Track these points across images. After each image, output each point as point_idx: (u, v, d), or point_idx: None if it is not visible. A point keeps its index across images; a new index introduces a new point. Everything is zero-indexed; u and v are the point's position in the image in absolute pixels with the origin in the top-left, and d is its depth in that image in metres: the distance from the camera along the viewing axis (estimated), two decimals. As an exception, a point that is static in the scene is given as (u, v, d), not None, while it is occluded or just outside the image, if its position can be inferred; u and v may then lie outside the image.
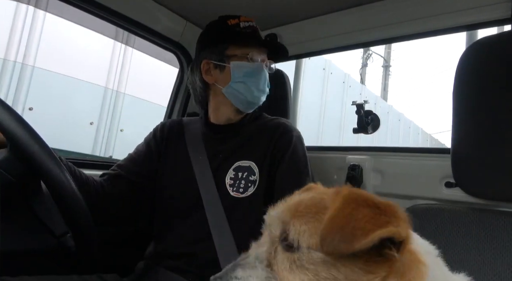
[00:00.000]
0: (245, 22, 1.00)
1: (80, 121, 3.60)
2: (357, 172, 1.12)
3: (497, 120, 0.75)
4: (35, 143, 0.56)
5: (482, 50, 0.79)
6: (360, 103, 1.28)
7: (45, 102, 3.29)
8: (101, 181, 0.96)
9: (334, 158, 1.23)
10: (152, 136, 1.08)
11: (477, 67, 0.79)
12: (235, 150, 0.97)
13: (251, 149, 0.96)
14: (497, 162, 0.75)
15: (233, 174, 0.94)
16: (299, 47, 1.38)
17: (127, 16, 1.25)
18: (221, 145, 0.99)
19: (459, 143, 0.80)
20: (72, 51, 3.47)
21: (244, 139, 0.98)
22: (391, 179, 1.09)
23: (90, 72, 3.64)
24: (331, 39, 1.30)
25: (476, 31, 1.07)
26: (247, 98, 0.98)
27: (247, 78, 0.97)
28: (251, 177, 0.92)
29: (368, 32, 1.21)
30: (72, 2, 1.14)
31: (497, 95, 0.76)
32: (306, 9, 1.28)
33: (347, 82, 6.54)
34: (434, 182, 0.99)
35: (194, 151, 1.00)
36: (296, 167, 0.94)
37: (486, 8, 0.97)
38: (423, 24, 1.10)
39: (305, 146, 1.00)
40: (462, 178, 0.81)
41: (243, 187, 0.92)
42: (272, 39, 1.36)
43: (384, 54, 12.29)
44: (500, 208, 0.83)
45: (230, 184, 0.93)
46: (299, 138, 0.99)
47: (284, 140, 0.96)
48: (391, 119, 8.38)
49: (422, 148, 1.11)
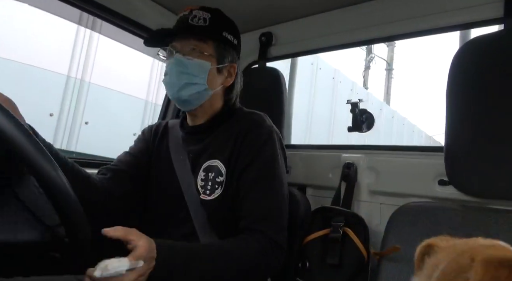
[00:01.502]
0: (182, 13, 0.95)
1: (38, 111, 3.23)
2: (352, 171, 1.13)
3: (490, 119, 0.76)
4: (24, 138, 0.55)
5: (475, 49, 0.80)
6: (355, 101, 1.29)
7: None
8: (102, 178, 0.95)
9: (328, 156, 1.24)
10: (141, 138, 1.09)
11: (470, 66, 0.79)
12: (205, 150, 0.95)
13: (218, 148, 0.93)
14: (489, 161, 0.76)
15: (204, 175, 0.92)
16: (294, 46, 1.38)
17: (115, 10, 1.23)
18: (192, 146, 0.98)
19: (452, 141, 0.81)
20: (28, 37, 3.18)
21: (215, 137, 0.96)
22: (385, 177, 1.10)
23: (51, 59, 3.35)
24: (326, 37, 1.30)
25: (469, 31, 1.08)
26: (172, 97, 0.95)
27: (165, 77, 0.94)
28: (218, 179, 0.90)
29: (362, 31, 1.22)
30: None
31: (490, 94, 0.77)
32: (301, 8, 1.28)
33: (337, 78, 6.44)
34: (428, 180, 1.00)
35: (175, 152, 0.99)
36: (260, 172, 0.88)
37: (478, 8, 0.98)
38: (416, 24, 1.10)
39: (276, 143, 0.94)
40: (455, 176, 0.82)
41: (209, 189, 0.90)
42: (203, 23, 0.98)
43: (387, 57, 12.33)
44: (492, 205, 0.85)
45: (201, 186, 0.91)
46: (270, 135, 0.93)
47: (252, 138, 0.91)
48: (395, 123, 8.42)
49: (416, 147, 1.12)
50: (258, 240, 0.82)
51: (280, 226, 0.87)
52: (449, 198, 0.94)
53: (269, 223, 0.85)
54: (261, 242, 0.82)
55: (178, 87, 0.91)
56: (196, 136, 0.99)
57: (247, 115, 0.98)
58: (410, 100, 39.06)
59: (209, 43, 0.94)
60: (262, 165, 0.89)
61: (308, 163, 1.28)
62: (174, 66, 0.91)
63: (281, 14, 1.34)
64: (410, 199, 0.95)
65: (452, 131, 0.80)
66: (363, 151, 1.17)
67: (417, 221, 0.84)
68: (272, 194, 0.88)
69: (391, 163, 1.10)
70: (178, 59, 0.91)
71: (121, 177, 0.97)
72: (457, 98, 0.80)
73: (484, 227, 0.77)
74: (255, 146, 0.90)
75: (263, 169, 0.89)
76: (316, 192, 1.27)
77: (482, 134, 0.77)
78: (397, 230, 0.85)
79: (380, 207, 1.11)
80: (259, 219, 0.85)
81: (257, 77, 1.38)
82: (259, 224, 0.84)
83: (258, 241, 0.82)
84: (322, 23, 1.29)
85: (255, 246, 0.81)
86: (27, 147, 0.54)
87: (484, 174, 0.77)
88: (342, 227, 0.99)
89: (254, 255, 0.81)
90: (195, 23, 0.92)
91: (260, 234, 0.83)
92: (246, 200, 0.87)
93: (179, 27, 0.94)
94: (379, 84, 15.95)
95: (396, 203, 0.97)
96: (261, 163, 0.89)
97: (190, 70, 0.91)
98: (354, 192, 1.12)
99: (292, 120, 1.51)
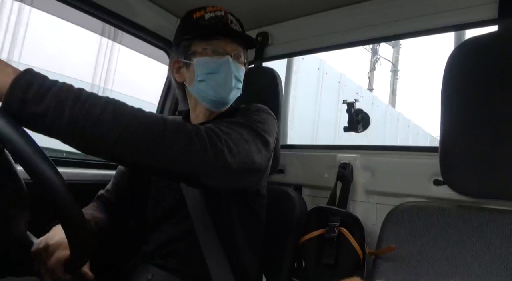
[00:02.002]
0: (211, 12, 0.91)
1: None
2: (347, 171, 1.13)
3: (484, 119, 0.77)
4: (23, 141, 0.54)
5: (469, 50, 0.80)
6: (351, 101, 1.29)
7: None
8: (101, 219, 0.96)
9: (324, 156, 1.24)
10: None
11: (464, 67, 0.80)
12: None
13: None
14: (484, 161, 0.77)
15: None
16: (290, 46, 1.38)
17: (117, 13, 1.23)
18: None
19: (447, 141, 0.81)
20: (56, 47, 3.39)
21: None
22: (381, 177, 1.11)
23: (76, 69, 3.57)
24: (322, 37, 1.30)
25: (464, 32, 1.09)
26: (214, 97, 0.90)
27: (212, 75, 0.89)
28: None
29: (357, 31, 1.22)
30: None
31: (484, 94, 0.77)
32: (298, 8, 1.28)
33: (343, 81, 6.50)
34: (423, 180, 1.00)
35: None
36: (246, 121, 0.81)
37: (473, 9, 0.99)
38: (411, 24, 1.11)
39: (274, 122, 0.90)
40: (449, 176, 0.82)
41: None
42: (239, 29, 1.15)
43: (392, 58, 12.36)
44: (485, 205, 0.85)
45: None
46: (269, 113, 0.91)
47: (249, 108, 0.90)
48: (401, 125, 8.45)
49: (411, 147, 1.13)
50: (196, 129, 0.66)
51: (239, 149, 0.72)
52: (444, 197, 0.95)
53: (227, 138, 0.71)
54: (199, 131, 0.66)
55: (229, 89, 0.90)
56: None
57: (248, 105, 0.96)
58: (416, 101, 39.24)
59: (244, 50, 0.97)
60: (251, 119, 0.83)
61: (304, 163, 1.28)
62: (229, 68, 0.89)
63: (277, 14, 1.34)
64: (406, 199, 0.95)
65: (447, 131, 0.81)
66: (359, 151, 1.17)
67: (412, 220, 0.84)
68: (251, 130, 0.79)
69: (387, 163, 1.11)
70: (234, 64, 0.90)
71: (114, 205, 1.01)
72: (451, 98, 0.81)
73: (477, 225, 0.78)
74: (251, 110, 0.88)
75: (255, 121, 0.83)
76: (312, 192, 1.27)
77: (476, 134, 0.77)
78: (392, 230, 0.86)
79: (375, 207, 1.11)
80: (221, 131, 0.71)
81: (253, 77, 1.38)
82: (215, 133, 0.70)
83: (195, 129, 0.66)
84: (318, 23, 1.29)
85: (185, 127, 0.65)
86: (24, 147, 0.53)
87: (478, 174, 0.78)
88: (338, 227, 0.99)
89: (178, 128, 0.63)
90: (236, 29, 0.93)
91: (206, 128, 0.69)
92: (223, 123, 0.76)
93: (232, 30, 0.92)
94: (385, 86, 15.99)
95: (392, 203, 0.97)
96: (254, 117, 0.84)
97: (239, 76, 0.93)
98: (350, 192, 1.12)
99: (288, 120, 1.52)
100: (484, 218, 0.78)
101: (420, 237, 0.82)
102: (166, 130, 0.62)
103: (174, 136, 0.62)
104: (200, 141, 0.65)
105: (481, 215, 0.79)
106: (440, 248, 0.79)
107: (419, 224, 0.83)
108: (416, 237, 0.83)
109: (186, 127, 0.65)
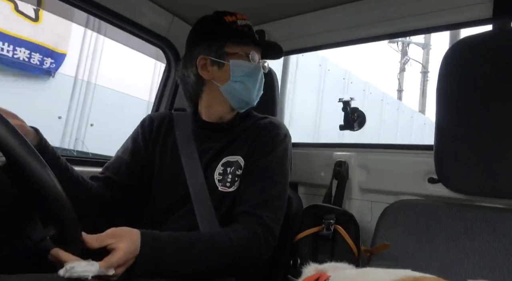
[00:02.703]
0: (242, 20, 0.99)
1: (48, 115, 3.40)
2: (343, 169, 1.14)
3: (479, 118, 0.77)
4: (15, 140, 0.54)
5: (464, 49, 0.81)
6: (347, 100, 1.30)
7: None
8: (92, 185, 0.95)
9: (320, 154, 1.24)
10: (139, 130, 1.07)
11: (459, 66, 0.81)
12: (225, 147, 0.97)
13: (240, 145, 0.96)
14: (477, 159, 0.77)
15: (222, 169, 0.94)
16: (287, 44, 1.37)
17: (112, 10, 1.22)
18: (211, 142, 0.98)
19: (441, 140, 0.82)
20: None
21: (234, 136, 0.98)
22: (376, 175, 1.11)
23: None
24: (318, 36, 1.30)
25: (459, 31, 1.10)
26: (245, 98, 0.98)
27: (247, 78, 0.97)
28: (238, 171, 0.93)
29: (353, 29, 1.22)
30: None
31: (478, 93, 0.78)
32: (294, 6, 1.28)
33: (347, 78, 6.32)
34: (418, 178, 1.01)
35: (183, 146, 0.99)
36: (269, 164, 0.93)
37: (468, 8, 1.00)
38: (406, 23, 1.12)
39: (289, 145, 0.99)
40: (444, 174, 0.83)
41: (230, 181, 0.92)
42: (262, 37, 1.35)
43: (422, 59, 12.32)
44: (479, 202, 0.86)
45: (218, 180, 0.93)
46: (286, 136, 0.99)
47: (270, 136, 0.96)
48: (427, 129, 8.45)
49: (406, 145, 1.14)
50: (251, 226, 0.84)
51: (277, 216, 0.88)
52: (438, 195, 0.96)
53: (268, 210, 0.87)
54: (255, 227, 0.83)
55: (257, 93, 1.00)
56: (212, 132, 1.01)
57: (263, 117, 1.04)
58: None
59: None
60: (273, 159, 0.93)
61: (300, 161, 1.29)
62: (261, 75, 1.00)
63: (273, 12, 1.33)
64: (400, 197, 0.96)
65: (442, 129, 0.81)
66: (355, 149, 1.18)
67: (407, 218, 0.85)
68: (276, 186, 0.91)
69: (382, 161, 1.12)
70: (262, 71, 1.01)
71: (109, 186, 0.98)
72: (446, 97, 0.82)
73: (470, 223, 0.79)
74: (272, 143, 0.95)
75: (273, 163, 0.93)
76: (308, 190, 1.28)
77: (471, 133, 0.78)
78: (387, 228, 0.86)
79: (371, 204, 1.12)
80: (259, 203, 0.87)
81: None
82: (258, 209, 0.86)
83: (251, 227, 0.83)
84: (314, 21, 1.29)
85: (245, 234, 0.82)
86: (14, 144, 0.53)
87: (472, 172, 0.79)
88: (333, 225, 1.00)
89: (245, 242, 0.82)
90: (255, 36, 1.02)
91: (255, 218, 0.85)
92: (251, 187, 0.90)
93: (264, 41, 1.05)
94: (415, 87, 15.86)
95: (387, 201, 0.98)
96: (272, 157, 0.93)
97: (263, 83, 1.03)
98: (346, 190, 1.13)
99: (284, 117, 1.52)
100: (478, 216, 0.79)
101: (414, 234, 0.83)
102: (236, 255, 0.81)
103: (244, 255, 0.82)
104: (257, 247, 0.83)
105: (475, 212, 0.80)
106: (434, 245, 0.80)
107: (414, 222, 0.84)
108: (411, 235, 0.83)
109: (250, 246, 0.83)
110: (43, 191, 0.56)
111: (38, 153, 0.56)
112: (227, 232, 0.82)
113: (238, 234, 0.82)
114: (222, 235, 0.81)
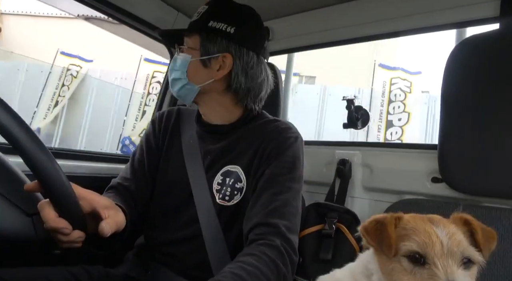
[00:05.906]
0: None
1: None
2: (346, 167, 1.13)
3: (482, 117, 0.77)
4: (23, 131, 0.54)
5: (470, 48, 0.80)
6: (351, 98, 1.29)
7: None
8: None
9: (323, 152, 1.24)
10: (151, 129, 1.03)
11: (465, 65, 0.80)
12: (223, 152, 0.91)
13: (240, 153, 0.90)
14: (481, 159, 0.77)
15: (221, 179, 0.89)
16: (292, 41, 1.37)
17: (116, 5, 1.22)
18: (211, 145, 0.93)
19: (445, 139, 0.81)
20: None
21: (235, 141, 0.92)
22: (379, 174, 1.11)
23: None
24: (323, 33, 1.30)
25: (465, 29, 1.09)
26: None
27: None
28: (237, 185, 0.87)
29: (358, 28, 1.21)
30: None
31: (484, 93, 0.77)
32: (299, 3, 1.28)
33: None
34: (421, 177, 1.01)
35: (188, 147, 0.95)
36: (280, 170, 0.85)
37: (475, 7, 0.98)
38: (412, 22, 1.10)
39: (300, 147, 0.91)
40: (447, 174, 0.83)
41: (229, 195, 0.87)
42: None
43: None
44: (482, 203, 0.86)
45: (217, 190, 0.88)
46: (296, 139, 0.91)
47: (276, 142, 0.88)
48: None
49: (410, 144, 1.13)
50: (268, 242, 0.74)
51: (293, 225, 0.80)
52: (442, 195, 0.95)
53: (281, 216, 0.78)
54: (272, 239, 0.75)
55: (171, 84, 0.94)
56: (212, 134, 0.95)
57: (271, 120, 0.95)
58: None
59: (193, 36, 0.91)
60: (283, 164, 0.86)
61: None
62: (173, 62, 0.94)
63: (278, 9, 1.33)
64: (403, 196, 0.96)
65: (446, 129, 0.81)
66: (358, 148, 1.17)
67: None
68: (289, 191, 0.83)
69: (385, 160, 1.11)
70: (174, 57, 0.94)
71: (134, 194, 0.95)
72: (451, 96, 0.81)
73: None
74: (280, 148, 0.88)
75: (284, 168, 0.85)
76: (311, 188, 1.28)
77: (475, 133, 0.78)
78: (389, 226, 0.86)
79: (373, 203, 1.12)
80: (271, 211, 0.78)
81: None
82: (270, 216, 0.78)
83: (268, 243, 0.74)
84: (319, 18, 1.28)
85: (268, 256, 0.73)
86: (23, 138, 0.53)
87: (475, 172, 0.78)
88: (336, 223, 1.00)
89: (277, 264, 0.73)
90: (191, 20, 0.94)
91: (269, 228, 0.76)
92: (262, 195, 0.82)
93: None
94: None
95: (389, 200, 0.98)
96: (283, 163, 0.86)
97: (176, 66, 0.92)
98: (348, 188, 1.13)
99: (288, 114, 1.52)
100: (482, 216, 0.78)
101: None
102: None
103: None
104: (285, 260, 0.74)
105: (479, 213, 0.79)
106: (437, 245, 0.79)
107: None
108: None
109: (280, 268, 0.72)
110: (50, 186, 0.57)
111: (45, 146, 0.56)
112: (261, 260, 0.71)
113: (259, 258, 0.71)
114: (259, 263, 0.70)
